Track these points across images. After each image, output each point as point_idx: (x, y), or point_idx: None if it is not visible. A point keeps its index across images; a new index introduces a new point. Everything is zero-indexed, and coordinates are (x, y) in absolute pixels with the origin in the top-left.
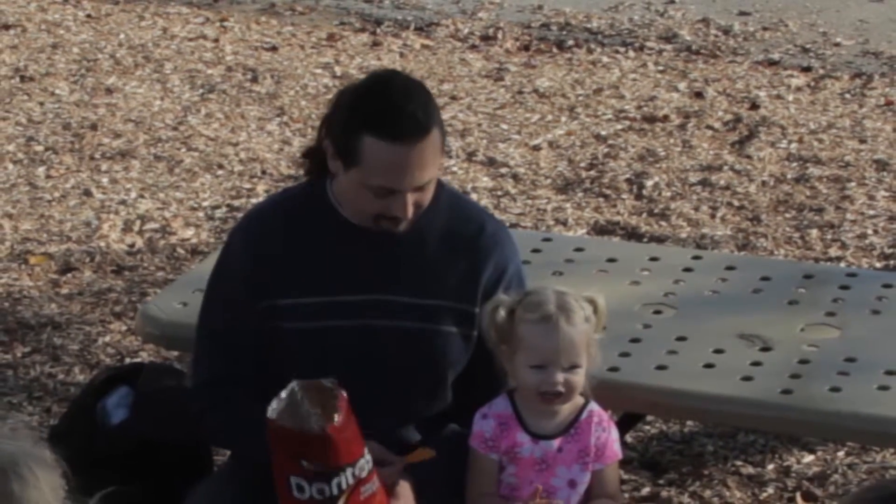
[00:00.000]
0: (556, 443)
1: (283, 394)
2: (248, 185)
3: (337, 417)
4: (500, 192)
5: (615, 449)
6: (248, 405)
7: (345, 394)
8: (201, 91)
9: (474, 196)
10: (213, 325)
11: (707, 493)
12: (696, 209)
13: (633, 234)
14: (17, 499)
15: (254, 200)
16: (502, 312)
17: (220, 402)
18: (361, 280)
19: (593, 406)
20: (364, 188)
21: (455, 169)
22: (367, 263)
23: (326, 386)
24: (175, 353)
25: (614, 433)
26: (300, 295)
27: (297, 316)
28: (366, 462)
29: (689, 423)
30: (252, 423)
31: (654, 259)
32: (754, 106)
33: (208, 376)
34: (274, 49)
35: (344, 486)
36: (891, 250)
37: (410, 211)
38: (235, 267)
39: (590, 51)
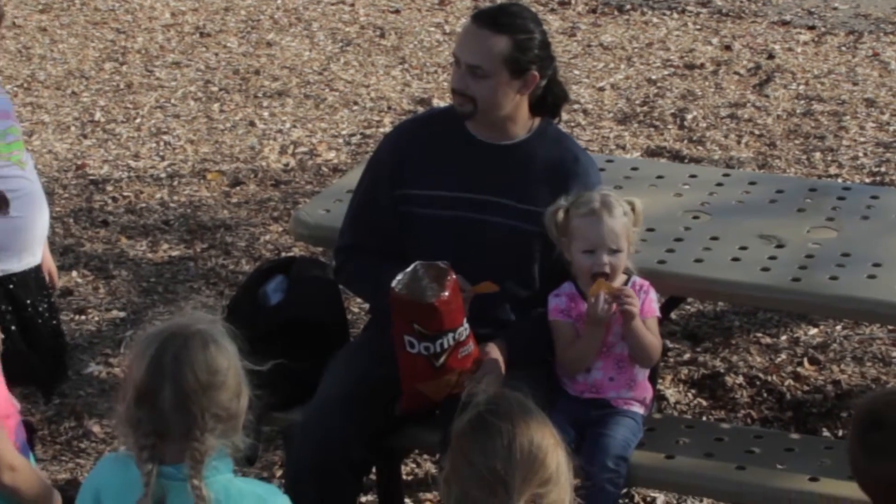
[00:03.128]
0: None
1: (408, 269)
2: (377, 118)
3: (445, 293)
4: (573, 124)
5: (652, 307)
6: (375, 264)
7: (454, 274)
8: (341, 44)
9: None
10: (358, 203)
11: (734, 358)
12: (726, 137)
13: (676, 157)
14: (213, 360)
15: (382, 130)
16: (561, 213)
17: (354, 261)
18: (476, 182)
19: (635, 278)
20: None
21: None
22: (482, 170)
23: (441, 267)
24: (320, 249)
25: (652, 294)
26: (427, 188)
27: (422, 204)
28: (464, 329)
29: (720, 303)
30: (375, 279)
31: (692, 176)
32: (771, 56)
33: (349, 242)
34: (397, 12)
35: (446, 346)
36: (877, 169)
37: (459, 83)
38: (381, 160)
39: (643, 13)
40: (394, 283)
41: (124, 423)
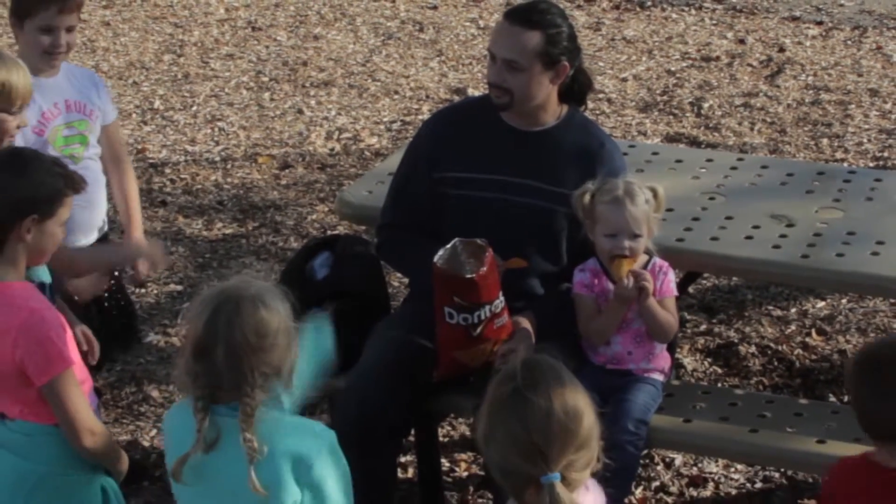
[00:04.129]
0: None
1: (448, 245)
2: (416, 106)
3: (483, 268)
4: (598, 112)
5: (670, 287)
6: (413, 242)
7: (491, 251)
8: (382, 38)
9: None
10: (398, 184)
11: (747, 329)
12: (740, 124)
13: (694, 142)
14: (263, 322)
15: (420, 118)
16: (587, 197)
17: (395, 238)
18: (507, 165)
19: (656, 259)
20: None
21: None
22: (513, 154)
23: (479, 244)
24: (363, 228)
25: (671, 275)
26: (461, 170)
27: (457, 185)
28: (500, 302)
29: (734, 278)
30: (413, 255)
31: (709, 160)
32: (781, 49)
33: (390, 220)
34: (435, 8)
35: (482, 317)
36: (880, 154)
37: (496, 77)
38: (419, 145)
39: (663, 9)
40: (436, 258)
41: (184, 373)
